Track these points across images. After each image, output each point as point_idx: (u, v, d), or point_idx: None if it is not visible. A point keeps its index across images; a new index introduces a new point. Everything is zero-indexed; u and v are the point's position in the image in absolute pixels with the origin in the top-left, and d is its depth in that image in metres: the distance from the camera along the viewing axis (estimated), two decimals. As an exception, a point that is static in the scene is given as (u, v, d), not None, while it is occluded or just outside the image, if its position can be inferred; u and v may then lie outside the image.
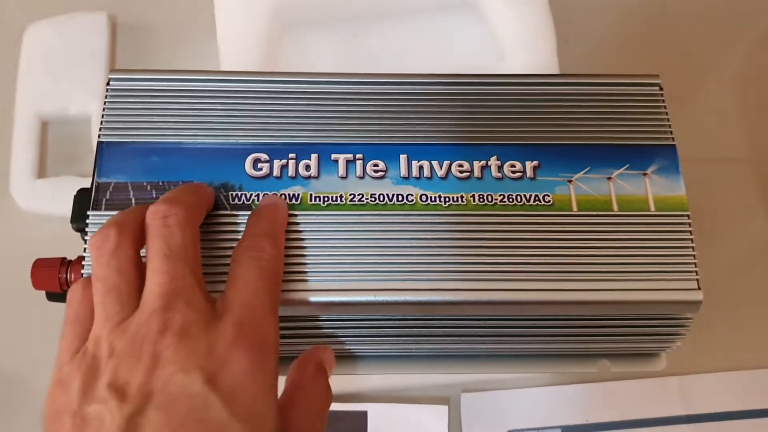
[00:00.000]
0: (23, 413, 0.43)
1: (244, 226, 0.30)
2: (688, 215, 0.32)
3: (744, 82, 0.53)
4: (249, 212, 0.31)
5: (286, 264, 0.30)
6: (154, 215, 0.27)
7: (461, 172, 0.32)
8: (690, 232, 0.31)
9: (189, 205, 0.28)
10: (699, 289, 0.30)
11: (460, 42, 0.48)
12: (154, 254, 0.26)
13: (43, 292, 0.32)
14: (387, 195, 0.31)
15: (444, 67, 0.40)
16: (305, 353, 0.30)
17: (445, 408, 0.43)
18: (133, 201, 0.31)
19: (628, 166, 0.33)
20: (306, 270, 0.30)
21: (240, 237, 0.30)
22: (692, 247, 0.31)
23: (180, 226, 0.27)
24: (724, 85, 0.53)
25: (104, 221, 0.30)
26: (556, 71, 0.44)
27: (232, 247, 0.30)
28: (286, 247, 0.30)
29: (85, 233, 0.30)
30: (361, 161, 0.32)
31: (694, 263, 0.31)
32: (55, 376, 0.26)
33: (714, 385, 0.44)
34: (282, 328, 0.31)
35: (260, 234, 0.29)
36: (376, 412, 0.42)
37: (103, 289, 0.26)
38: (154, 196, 0.31)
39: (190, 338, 0.25)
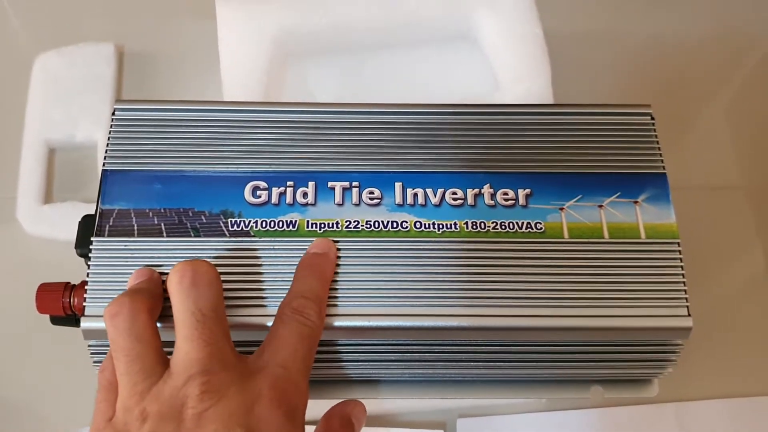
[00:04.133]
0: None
1: (243, 252, 0.31)
2: (678, 242, 0.32)
3: (738, 112, 0.53)
4: (247, 239, 0.31)
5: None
6: (181, 277, 0.27)
7: (455, 199, 0.33)
8: (680, 259, 0.32)
9: (211, 264, 0.28)
10: (689, 315, 0.31)
11: (456, 73, 0.49)
12: (184, 320, 0.27)
13: (47, 316, 0.32)
14: (382, 222, 0.32)
15: (441, 96, 0.41)
16: (334, 407, 0.31)
17: (442, 433, 0.43)
18: (136, 227, 0.32)
19: (619, 194, 0.33)
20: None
21: (237, 264, 0.30)
22: (682, 274, 0.31)
23: (209, 285, 0.27)
24: (718, 115, 0.53)
25: (107, 247, 0.31)
26: (551, 102, 0.45)
27: (230, 273, 0.30)
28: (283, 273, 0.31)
29: (89, 258, 0.31)
30: (357, 189, 0.33)
31: (684, 290, 0.31)
32: None
33: (711, 413, 0.44)
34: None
35: (310, 297, 0.29)
36: (372, 437, 0.43)
37: (126, 359, 0.26)
38: (156, 222, 0.32)
39: (229, 398, 0.25)
